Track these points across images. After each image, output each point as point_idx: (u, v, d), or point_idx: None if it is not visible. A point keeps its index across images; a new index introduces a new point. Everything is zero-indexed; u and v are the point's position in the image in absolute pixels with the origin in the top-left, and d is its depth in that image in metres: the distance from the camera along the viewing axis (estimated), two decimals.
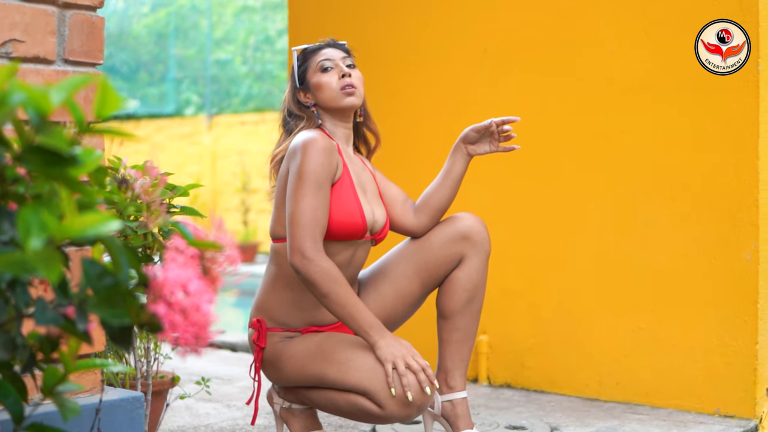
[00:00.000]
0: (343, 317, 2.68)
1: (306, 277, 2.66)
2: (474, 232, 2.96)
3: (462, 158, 3.03)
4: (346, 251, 2.86)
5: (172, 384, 3.18)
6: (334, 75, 2.90)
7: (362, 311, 2.67)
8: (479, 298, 2.98)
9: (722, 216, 3.42)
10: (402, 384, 2.59)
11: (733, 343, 3.41)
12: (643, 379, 3.61)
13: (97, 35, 2.16)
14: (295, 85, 2.96)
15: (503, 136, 2.98)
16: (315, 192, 2.70)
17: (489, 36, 4.01)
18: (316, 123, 2.91)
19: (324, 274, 2.65)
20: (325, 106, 2.91)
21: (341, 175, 2.82)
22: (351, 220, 2.79)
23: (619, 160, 3.67)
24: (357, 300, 2.68)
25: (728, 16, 3.36)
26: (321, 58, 2.93)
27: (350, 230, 2.80)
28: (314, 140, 2.73)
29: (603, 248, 3.72)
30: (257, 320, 2.88)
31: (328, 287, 2.65)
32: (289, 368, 2.83)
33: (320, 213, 2.70)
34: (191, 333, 1.33)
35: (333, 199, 2.78)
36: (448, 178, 3.03)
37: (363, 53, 4.43)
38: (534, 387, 3.90)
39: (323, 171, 2.72)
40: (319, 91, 2.90)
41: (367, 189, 2.94)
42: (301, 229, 2.67)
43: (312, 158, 2.71)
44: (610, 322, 3.70)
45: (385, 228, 2.96)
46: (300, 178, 2.71)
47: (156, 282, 1.32)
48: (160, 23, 14.01)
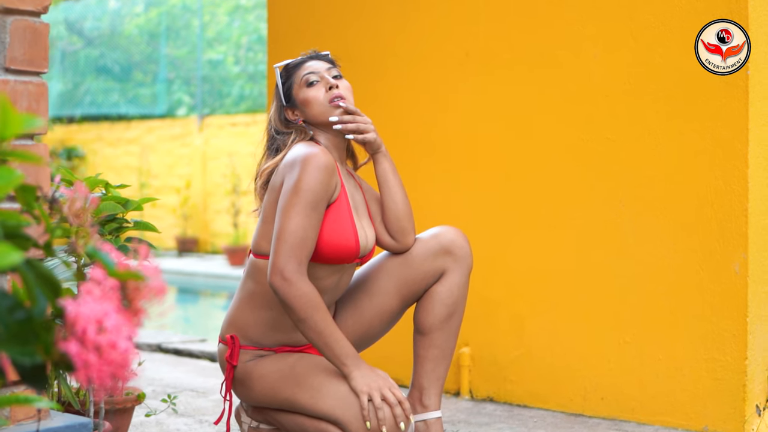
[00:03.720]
0: (318, 345, 2.56)
1: (284, 300, 2.54)
2: (456, 246, 2.84)
3: (373, 158, 2.88)
4: (333, 276, 2.73)
5: (137, 401, 3.06)
6: (321, 88, 2.77)
7: (339, 340, 2.55)
8: (459, 314, 2.85)
9: (710, 226, 3.31)
10: (377, 417, 2.48)
11: (722, 358, 3.29)
12: (628, 394, 3.50)
13: (41, 42, 2.04)
14: (282, 103, 2.82)
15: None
16: (309, 211, 2.56)
17: (471, 39, 3.89)
18: (309, 135, 2.78)
19: (304, 299, 2.52)
20: (315, 121, 2.77)
21: (338, 196, 2.68)
22: (345, 243, 2.66)
23: (604, 167, 3.55)
24: (334, 328, 2.55)
25: (722, 17, 3.24)
26: (305, 72, 2.80)
27: (343, 254, 2.67)
28: (316, 155, 2.59)
29: (587, 258, 3.60)
30: (231, 337, 2.76)
31: (306, 313, 2.53)
32: (260, 389, 2.72)
33: (310, 234, 2.57)
34: (107, 372, 1.21)
35: (328, 221, 2.64)
36: (378, 183, 2.88)
37: (342, 58, 4.32)
38: (517, 401, 3.78)
39: (322, 190, 2.58)
40: (307, 107, 2.77)
41: (359, 209, 2.81)
42: (288, 249, 2.53)
43: (311, 175, 2.57)
44: (594, 335, 3.59)
45: (373, 249, 2.84)
46: (296, 193, 2.56)
47: (68, 317, 1.20)
48: (152, 23, 13.89)
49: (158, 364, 4.77)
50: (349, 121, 2.74)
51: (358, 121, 2.75)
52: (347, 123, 2.74)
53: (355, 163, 2.96)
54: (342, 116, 2.74)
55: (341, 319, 2.88)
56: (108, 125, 13.35)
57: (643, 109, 3.45)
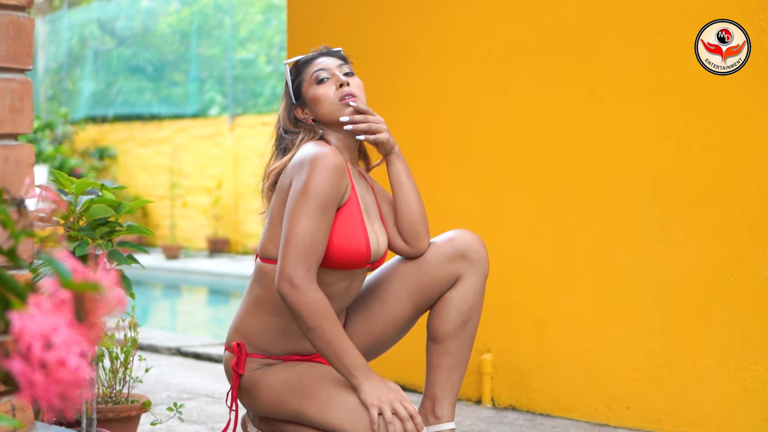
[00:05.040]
0: (327, 354, 2.45)
1: (292, 308, 2.43)
2: (472, 250, 2.71)
3: (386, 159, 2.76)
4: (343, 281, 2.62)
5: (143, 409, 2.97)
6: (331, 85, 2.65)
7: (349, 350, 2.43)
8: (474, 321, 2.73)
9: (740, 230, 3.16)
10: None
11: (752, 367, 3.15)
12: (654, 404, 3.36)
13: (25, 38, 1.94)
14: (291, 101, 2.71)
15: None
16: (318, 215, 2.44)
17: (493, 35, 3.77)
18: (318, 134, 2.67)
19: (312, 307, 2.41)
20: (325, 120, 2.66)
21: (349, 199, 2.56)
22: (356, 248, 2.54)
23: (629, 168, 3.42)
24: (344, 338, 2.44)
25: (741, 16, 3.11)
26: (315, 69, 2.68)
27: (353, 259, 2.55)
28: (325, 156, 2.47)
29: (612, 263, 3.47)
30: (237, 344, 2.66)
31: (314, 321, 2.41)
32: (266, 399, 2.61)
33: (320, 239, 2.45)
34: (54, 392, 1.11)
35: (338, 224, 2.52)
36: (391, 185, 2.77)
37: (361, 55, 4.21)
38: (540, 410, 3.66)
39: (331, 192, 2.46)
40: (317, 105, 2.65)
41: (370, 212, 2.69)
42: (296, 254, 2.42)
43: (321, 176, 2.45)
44: (620, 342, 3.45)
45: (385, 254, 2.73)
46: (305, 195, 2.45)
47: (12, 332, 1.10)
48: (184, 22, 13.85)
49: (176, 369, 4.68)
50: (360, 121, 2.63)
51: (369, 120, 2.64)
52: (358, 123, 2.63)
53: (368, 164, 2.85)
54: (353, 116, 2.63)
55: (352, 326, 2.77)
56: (140, 125, 13.32)
57: (669, 107, 3.32)
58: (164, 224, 12.67)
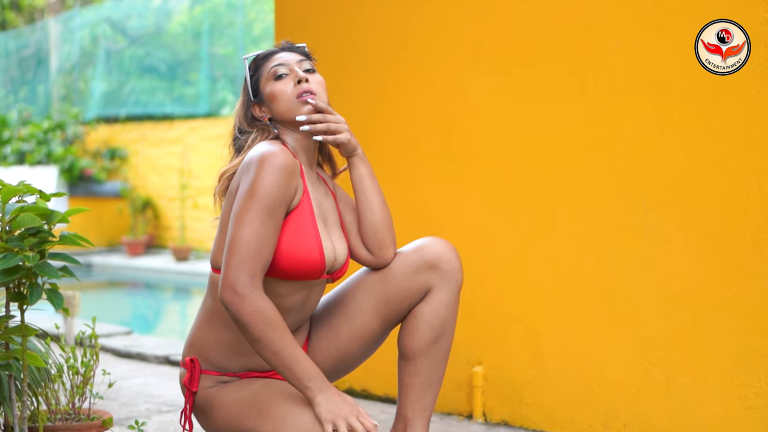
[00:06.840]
0: (277, 367, 2.26)
1: (236, 317, 2.24)
2: (442, 260, 2.51)
3: (348, 162, 2.57)
4: (298, 293, 2.43)
5: (102, 427, 2.80)
6: (289, 82, 2.46)
7: (300, 360, 2.25)
8: (447, 337, 2.53)
9: (743, 236, 2.96)
10: None
11: (756, 384, 2.94)
12: (653, 422, 3.15)
13: None
14: (249, 98, 2.53)
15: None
16: (264, 218, 2.27)
17: (484, 29, 3.56)
18: (272, 133, 2.48)
19: (257, 315, 2.23)
20: (281, 119, 2.47)
21: (299, 202, 2.37)
22: (307, 256, 2.35)
23: (626, 170, 3.21)
24: (294, 347, 2.25)
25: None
26: (273, 64, 2.49)
27: (305, 269, 2.37)
28: (273, 155, 2.30)
29: (608, 271, 3.26)
30: (190, 360, 2.48)
31: (260, 330, 2.23)
32: (221, 419, 2.43)
33: (266, 244, 2.27)
34: None
35: (288, 231, 2.34)
36: (354, 189, 2.57)
37: (348, 50, 4.03)
38: (533, 426, 3.45)
39: (279, 194, 2.29)
40: (274, 102, 2.47)
41: (328, 219, 2.49)
42: (240, 260, 2.25)
43: (268, 176, 2.28)
44: (616, 355, 3.24)
45: (345, 265, 2.53)
46: (251, 197, 2.27)
47: None
48: (195, 21, 13.68)
49: (162, 379, 4.51)
50: (318, 121, 2.43)
51: (328, 120, 2.45)
52: (316, 122, 2.43)
53: (334, 169, 2.66)
54: (311, 115, 2.43)
55: (316, 340, 2.58)
56: (151, 125, 13.14)
57: (668, 106, 3.11)
58: (174, 225, 12.49)
